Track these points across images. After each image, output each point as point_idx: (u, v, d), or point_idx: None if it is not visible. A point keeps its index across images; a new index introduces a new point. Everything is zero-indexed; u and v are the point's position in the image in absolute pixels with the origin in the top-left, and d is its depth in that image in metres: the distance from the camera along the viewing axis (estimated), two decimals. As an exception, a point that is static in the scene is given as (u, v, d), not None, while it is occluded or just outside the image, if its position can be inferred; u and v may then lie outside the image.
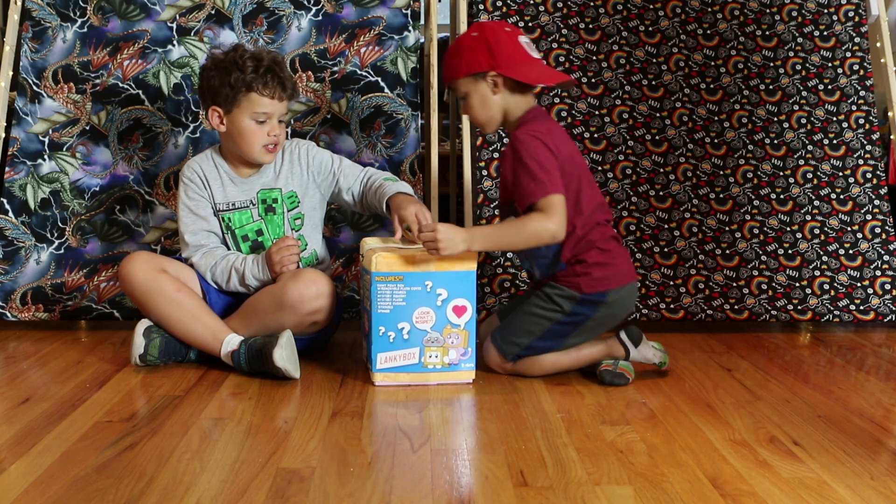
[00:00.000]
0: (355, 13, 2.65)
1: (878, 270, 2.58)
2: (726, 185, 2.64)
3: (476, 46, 1.96)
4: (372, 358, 1.93)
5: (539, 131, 1.94)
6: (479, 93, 1.99)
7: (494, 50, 1.95)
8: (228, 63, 2.10)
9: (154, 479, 1.40)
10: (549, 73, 2.09)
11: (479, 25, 2.01)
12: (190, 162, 2.20)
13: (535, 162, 1.90)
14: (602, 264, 1.95)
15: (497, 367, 2.01)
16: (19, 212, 2.50)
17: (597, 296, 1.95)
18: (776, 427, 1.70)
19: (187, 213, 2.15)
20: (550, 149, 1.92)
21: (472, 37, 1.98)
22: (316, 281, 2.01)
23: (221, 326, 2.04)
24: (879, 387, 2.00)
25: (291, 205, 2.20)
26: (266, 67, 2.09)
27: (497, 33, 1.97)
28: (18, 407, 1.76)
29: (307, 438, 1.60)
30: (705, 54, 2.73)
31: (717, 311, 2.51)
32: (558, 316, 1.96)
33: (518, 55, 1.97)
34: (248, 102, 2.09)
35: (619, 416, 1.75)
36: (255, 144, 2.12)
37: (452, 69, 2.00)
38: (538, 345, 1.98)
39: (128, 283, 2.05)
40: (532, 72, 1.98)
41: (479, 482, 1.41)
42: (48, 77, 2.57)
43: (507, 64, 1.95)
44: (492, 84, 1.97)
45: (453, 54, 2.01)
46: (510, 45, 1.96)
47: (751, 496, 1.37)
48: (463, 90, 2.00)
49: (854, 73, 2.73)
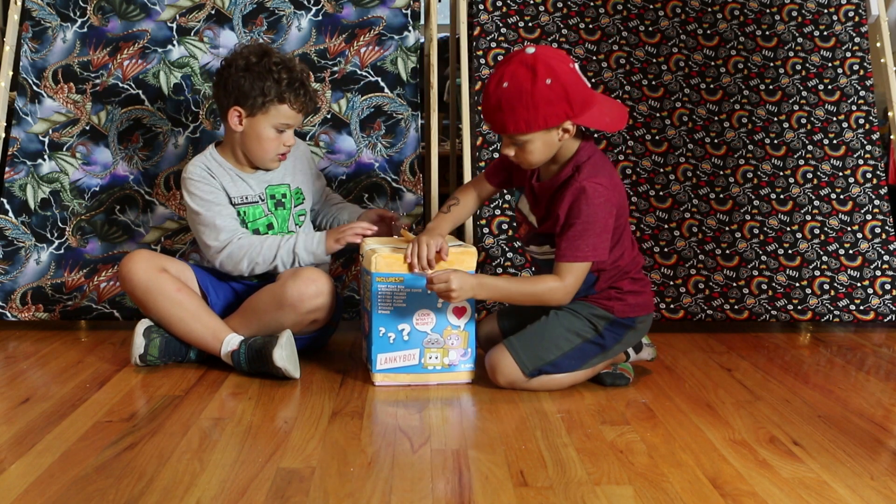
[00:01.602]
0: (355, 13, 2.65)
1: (878, 270, 2.58)
2: (726, 185, 2.64)
3: (554, 98, 1.76)
4: (372, 358, 1.93)
5: (606, 186, 1.81)
6: (544, 140, 1.81)
7: (572, 98, 1.77)
8: (263, 70, 2.09)
9: (154, 479, 1.40)
10: (615, 115, 1.87)
11: (548, 69, 1.75)
12: (193, 162, 2.18)
13: (592, 225, 1.79)
14: (635, 293, 1.92)
15: (506, 382, 1.89)
16: (19, 212, 2.50)
17: (628, 321, 1.92)
18: (776, 427, 1.70)
19: (209, 205, 2.11)
20: (615, 210, 1.83)
21: (546, 86, 1.75)
22: (315, 279, 2.01)
23: (221, 326, 2.04)
24: (879, 387, 2.00)
25: (297, 201, 2.23)
26: (300, 82, 2.12)
27: (570, 76, 1.77)
28: (18, 407, 1.76)
29: (307, 438, 1.60)
30: (705, 54, 2.73)
31: (717, 311, 2.51)
32: (591, 335, 1.90)
33: (587, 96, 1.81)
34: (276, 112, 2.10)
35: (619, 416, 1.75)
36: (270, 151, 2.13)
37: (528, 123, 1.77)
38: (563, 362, 1.88)
39: (128, 282, 2.05)
40: (604, 116, 1.83)
41: (479, 482, 1.41)
42: (48, 77, 2.57)
43: (581, 111, 1.79)
44: (562, 132, 1.81)
45: (528, 106, 1.76)
46: (580, 87, 1.79)
47: (751, 496, 1.37)
48: (528, 139, 1.81)
49: (854, 73, 2.73)
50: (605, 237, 1.82)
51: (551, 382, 1.90)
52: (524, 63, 1.77)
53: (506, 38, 2.69)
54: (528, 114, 1.77)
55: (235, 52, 2.16)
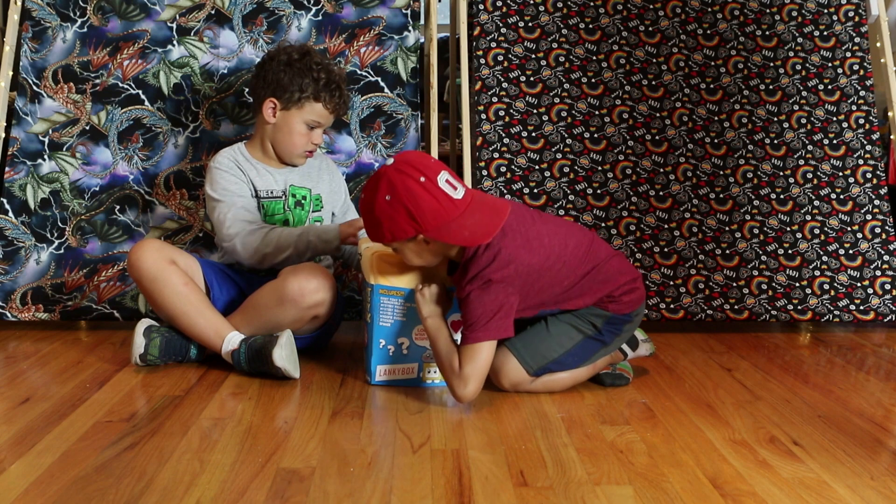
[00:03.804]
0: (355, 13, 2.65)
1: (878, 270, 2.58)
2: (726, 185, 2.64)
3: (395, 214, 1.73)
4: (371, 370, 1.93)
5: (499, 279, 1.75)
6: (411, 249, 1.82)
7: (416, 214, 1.72)
8: (303, 67, 2.18)
9: (154, 479, 1.40)
10: (482, 226, 1.75)
11: (389, 185, 1.73)
12: (221, 153, 2.24)
13: (485, 308, 1.74)
14: (628, 292, 1.91)
15: (511, 385, 1.88)
16: (19, 212, 2.50)
17: (624, 317, 1.92)
18: (776, 427, 1.70)
19: (231, 196, 2.17)
20: (511, 288, 1.76)
21: (385, 202, 1.73)
22: (316, 274, 2.02)
23: (224, 324, 2.04)
24: (879, 387, 2.00)
25: (316, 207, 2.27)
26: (336, 84, 2.21)
27: (414, 193, 1.71)
28: (18, 407, 1.76)
29: (307, 438, 1.60)
30: (705, 54, 2.73)
31: (717, 311, 2.51)
32: (591, 331, 1.90)
33: (441, 209, 1.72)
34: (310, 109, 2.19)
35: (619, 416, 1.75)
36: (298, 146, 2.22)
37: (377, 235, 1.80)
38: (567, 359, 1.88)
39: (136, 270, 2.05)
40: (463, 230, 1.74)
41: (479, 482, 1.41)
42: (48, 77, 2.57)
43: (432, 226, 1.73)
44: (423, 241, 1.79)
45: (373, 221, 1.78)
46: (429, 202, 1.72)
47: (751, 496, 1.37)
48: (393, 247, 1.84)
49: (854, 73, 2.73)
50: (502, 317, 1.76)
51: (554, 383, 1.90)
52: (376, 175, 1.78)
53: (506, 38, 2.69)
54: (375, 227, 1.79)
55: (279, 48, 2.26)
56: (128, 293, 2.45)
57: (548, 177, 2.60)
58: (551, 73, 2.68)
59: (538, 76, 2.67)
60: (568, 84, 2.68)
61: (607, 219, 2.59)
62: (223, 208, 2.15)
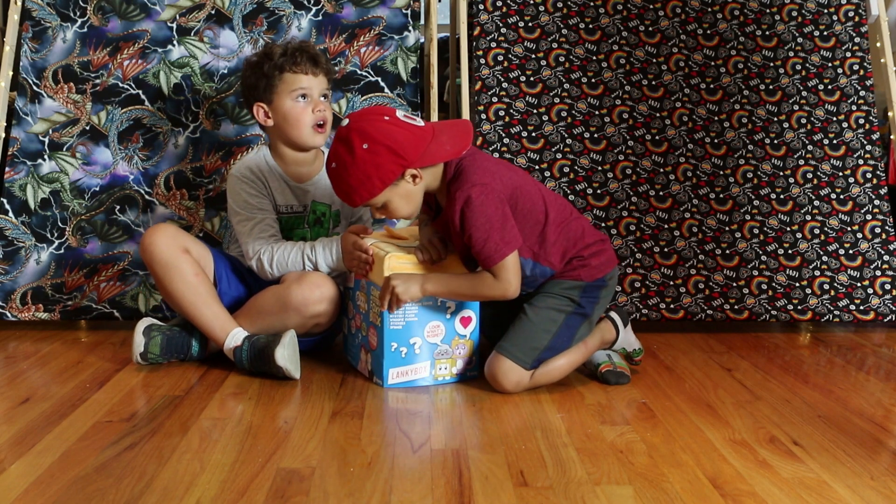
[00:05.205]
0: (355, 13, 2.65)
1: (878, 270, 2.58)
2: (726, 185, 2.64)
3: (379, 159, 1.78)
4: (384, 374, 1.92)
5: (482, 182, 1.80)
6: (399, 193, 1.84)
7: (398, 149, 1.78)
8: (260, 57, 2.18)
9: (154, 479, 1.40)
10: (457, 138, 1.85)
11: (361, 134, 1.78)
12: (244, 161, 2.20)
13: (489, 224, 1.79)
14: (596, 254, 1.95)
15: (513, 385, 1.87)
16: (19, 212, 2.50)
17: (598, 282, 1.95)
18: (776, 427, 1.70)
19: (250, 209, 2.13)
20: (506, 197, 1.83)
21: (365, 151, 1.78)
22: (320, 285, 2.02)
23: (230, 319, 2.04)
24: (879, 387, 2.00)
25: (336, 223, 2.25)
26: (294, 47, 2.16)
27: (387, 130, 1.78)
28: (18, 407, 1.76)
29: (307, 438, 1.60)
30: (705, 54, 2.73)
31: (717, 311, 2.51)
32: (570, 307, 1.92)
33: (416, 138, 1.80)
34: (284, 84, 2.14)
35: (619, 416, 1.75)
36: (303, 126, 2.15)
37: (368, 190, 1.81)
38: (556, 343, 1.90)
39: (149, 255, 2.04)
40: (444, 146, 1.82)
41: (479, 482, 1.41)
42: (48, 77, 2.57)
43: (415, 156, 1.80)
44: (411, 178, 1.83)
45: (359, 177, 1.79)
46: (404, 134, 1.79)
47: (751, 496, 1.37)
48: (381, 201, 1.84)
49: (854, 73, 2.73)
50: (509, 227, 1.82)
51: (553, 371, 1.91)
52: (339, 138, 1.82)
53: (506, 38, 2.69)
54: (363, 183, 1.80)
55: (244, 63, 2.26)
56: (128, 293, 2.45)
57: (548, 177, 2.60)
58: (551, 73, 2.68)
59: (538, 76, 2.67)
60: (568, 84, 2.68)
61: (607, 219, 2.59)
62: (244, 222, 2.13)
